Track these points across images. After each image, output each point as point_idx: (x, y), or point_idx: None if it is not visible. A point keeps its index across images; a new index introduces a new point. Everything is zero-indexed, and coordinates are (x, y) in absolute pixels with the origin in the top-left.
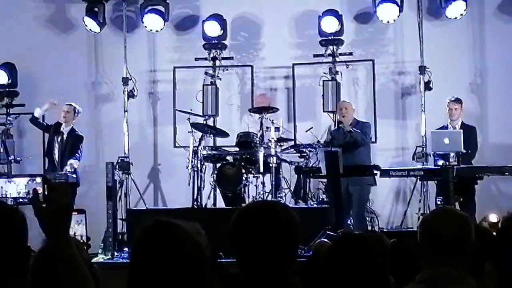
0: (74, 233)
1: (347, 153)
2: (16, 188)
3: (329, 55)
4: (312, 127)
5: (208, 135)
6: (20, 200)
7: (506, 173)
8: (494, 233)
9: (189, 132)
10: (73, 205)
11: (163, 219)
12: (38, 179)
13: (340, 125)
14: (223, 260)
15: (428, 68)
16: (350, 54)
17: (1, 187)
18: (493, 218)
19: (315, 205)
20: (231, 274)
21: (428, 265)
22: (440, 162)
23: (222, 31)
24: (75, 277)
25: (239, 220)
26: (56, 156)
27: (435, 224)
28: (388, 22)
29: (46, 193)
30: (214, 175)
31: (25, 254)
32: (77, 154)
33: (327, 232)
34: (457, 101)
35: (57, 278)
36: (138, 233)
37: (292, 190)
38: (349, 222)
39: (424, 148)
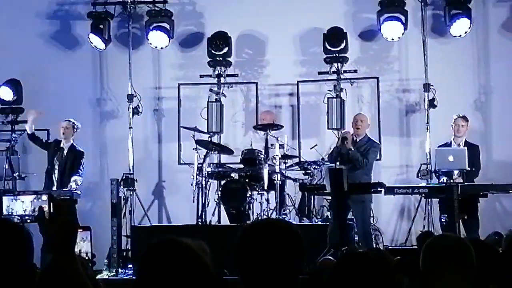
0: (80, 250)
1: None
2: (22, 205)
3: (333, 72)
4: (316, 144)
5: (212, 152)
6: (26, 217)
7: (510, 191)
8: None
9: (193, 149)
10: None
11: (169, 237)
12: (44, 197)
13: (343, 141)
14: (228, 277)
15: (432, 85)
16: (355, 71)
17: (8, 205)
18: None
19: (319, 222)
20: None
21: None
22: (443, 179)
23: (226, 48)
24: None
25: (243, 237)
26: (56, 173)
27: (436, 245)
28: (392, 39)
29: (51, 210)
30: (219, 192)
31: (31, 271)
32: (79, 171)
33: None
34: (464, 118)
35: None
36: (144, 251)
37: (297, 207)
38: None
39: (428, 166)
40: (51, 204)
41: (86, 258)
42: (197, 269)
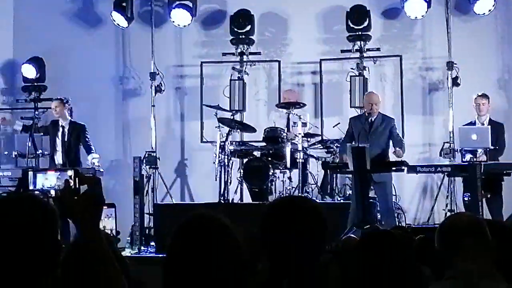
0: (104, 227)
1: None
2: (47, 182)
3: (356, 50)
4: (339, 123)
5: (235, 130)
6: (50, 193)
7: None
8: None
9: (216, 127)
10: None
11: (204, 212)
12: (69, 172)
13: None
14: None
15: (456, 63)
16: (378, 49)
17: (41, 181)
18: None
19: (341, 201)
20: (257, 270)
21: (454, 263)
22: (468, 157)
23: (249, 26)
24: (105, 270)
25: (267, 215)
26: (60, 152)
27: (449, 224)
28: (416, 17)
29: (77, 185)
30: (241, 170)
31: (56, 247)
32: (91, 147)
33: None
34: (484, 96)
35: (88, 271)
36: (178, 226)
37: (319, 186)
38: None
39: (451, 144)
40: (77, 179)
41: (111, 235)
42: (232, 245)
